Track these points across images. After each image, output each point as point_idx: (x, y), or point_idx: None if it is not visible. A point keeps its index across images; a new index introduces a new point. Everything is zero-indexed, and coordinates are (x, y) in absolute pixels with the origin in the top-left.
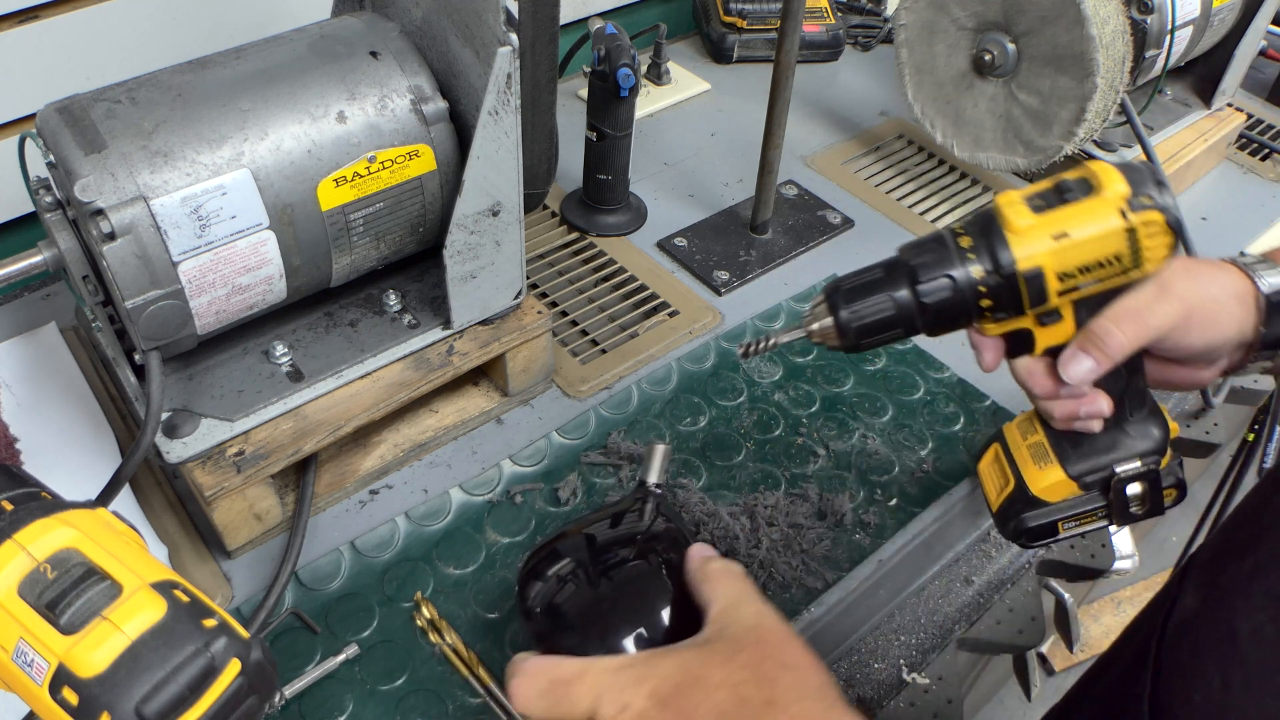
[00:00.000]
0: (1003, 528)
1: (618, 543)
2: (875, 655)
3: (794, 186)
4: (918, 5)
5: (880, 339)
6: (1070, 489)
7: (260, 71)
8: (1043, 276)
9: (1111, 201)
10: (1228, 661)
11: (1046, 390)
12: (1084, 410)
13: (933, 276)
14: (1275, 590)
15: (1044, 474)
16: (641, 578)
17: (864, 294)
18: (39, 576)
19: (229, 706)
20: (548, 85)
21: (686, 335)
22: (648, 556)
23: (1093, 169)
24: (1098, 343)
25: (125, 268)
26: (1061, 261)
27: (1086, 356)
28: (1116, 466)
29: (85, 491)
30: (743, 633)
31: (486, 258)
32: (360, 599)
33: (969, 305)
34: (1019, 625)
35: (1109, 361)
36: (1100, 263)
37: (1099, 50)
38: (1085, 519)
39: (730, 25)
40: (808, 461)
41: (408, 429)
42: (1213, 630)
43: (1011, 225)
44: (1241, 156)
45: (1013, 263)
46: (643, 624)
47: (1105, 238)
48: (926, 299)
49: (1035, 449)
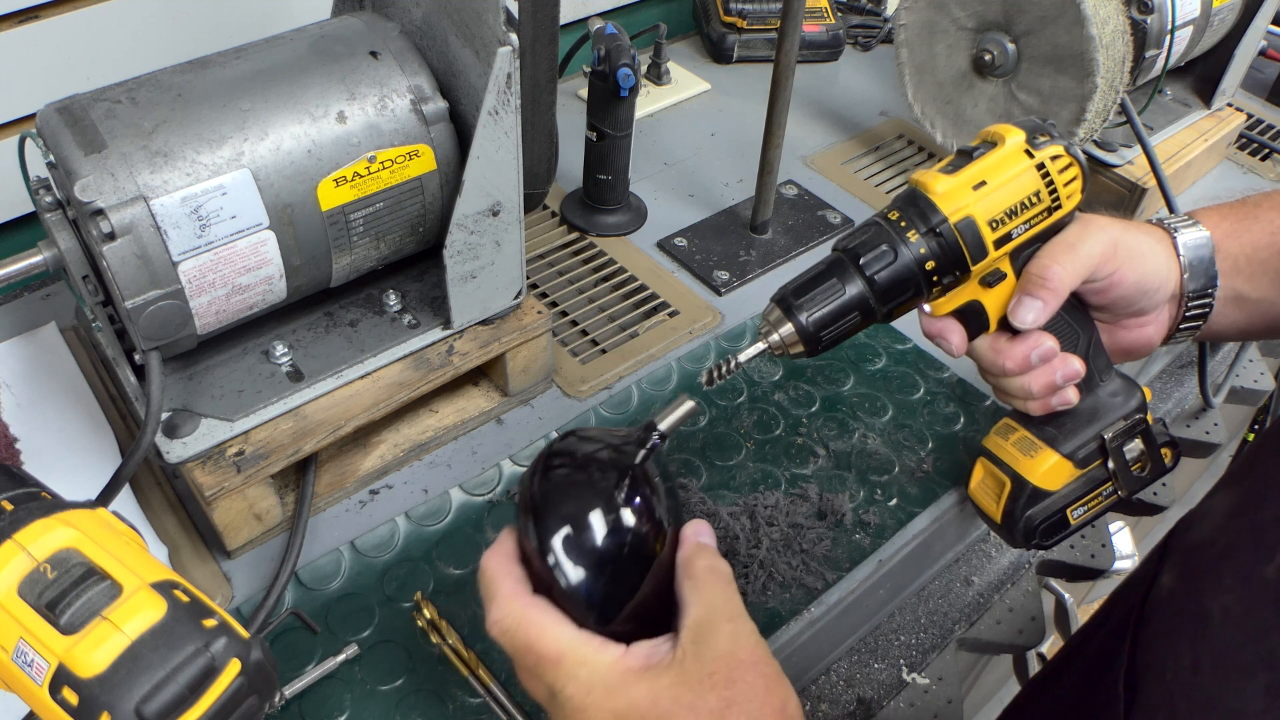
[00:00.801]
0: (1011, 534)
1: (615, 496)
2: (875, 655)
3: (794, 186)
4: (918, 5)
5: (839, 332)
6: (1068, 470)
7: (260, 71)
8: (975, 225)
9: (1015, 146)
10: (1198, 640)
11: (1017, 361)
12: (1059, 373)
13: (875, 253)
14: (1245, 571)
15: (1038, 461)
16: (634, 544)
17: (813, 289)
18: (39, 576)
19: (229, 706)
20: (548, 85)
21: (686, 335)
22: (641, 519)
23: (989, 130)
24: (1039, 281)
25: (125, 268)
26: (988, 208)
27: (1033, 298)
28: (1105, 432)
29: (85, 491)
30: (715, 660)
31: (486, 258)
32: (360, 599)
33: (915, 275)
34: (1019, 625)
35: (1054, 297)
36: (1023, 203)
37: (1099, 50)
38: (1093, 501)
39: (730, 25)
40: (808, 461)
41: (408, 429)
42: (1186, 609)
43: (932, 189)
44: (1241, 156)
45: (944, 219)
46: (623, 592)
47: (1019, 176)
48: (874, 275)
49: (1021, 443)
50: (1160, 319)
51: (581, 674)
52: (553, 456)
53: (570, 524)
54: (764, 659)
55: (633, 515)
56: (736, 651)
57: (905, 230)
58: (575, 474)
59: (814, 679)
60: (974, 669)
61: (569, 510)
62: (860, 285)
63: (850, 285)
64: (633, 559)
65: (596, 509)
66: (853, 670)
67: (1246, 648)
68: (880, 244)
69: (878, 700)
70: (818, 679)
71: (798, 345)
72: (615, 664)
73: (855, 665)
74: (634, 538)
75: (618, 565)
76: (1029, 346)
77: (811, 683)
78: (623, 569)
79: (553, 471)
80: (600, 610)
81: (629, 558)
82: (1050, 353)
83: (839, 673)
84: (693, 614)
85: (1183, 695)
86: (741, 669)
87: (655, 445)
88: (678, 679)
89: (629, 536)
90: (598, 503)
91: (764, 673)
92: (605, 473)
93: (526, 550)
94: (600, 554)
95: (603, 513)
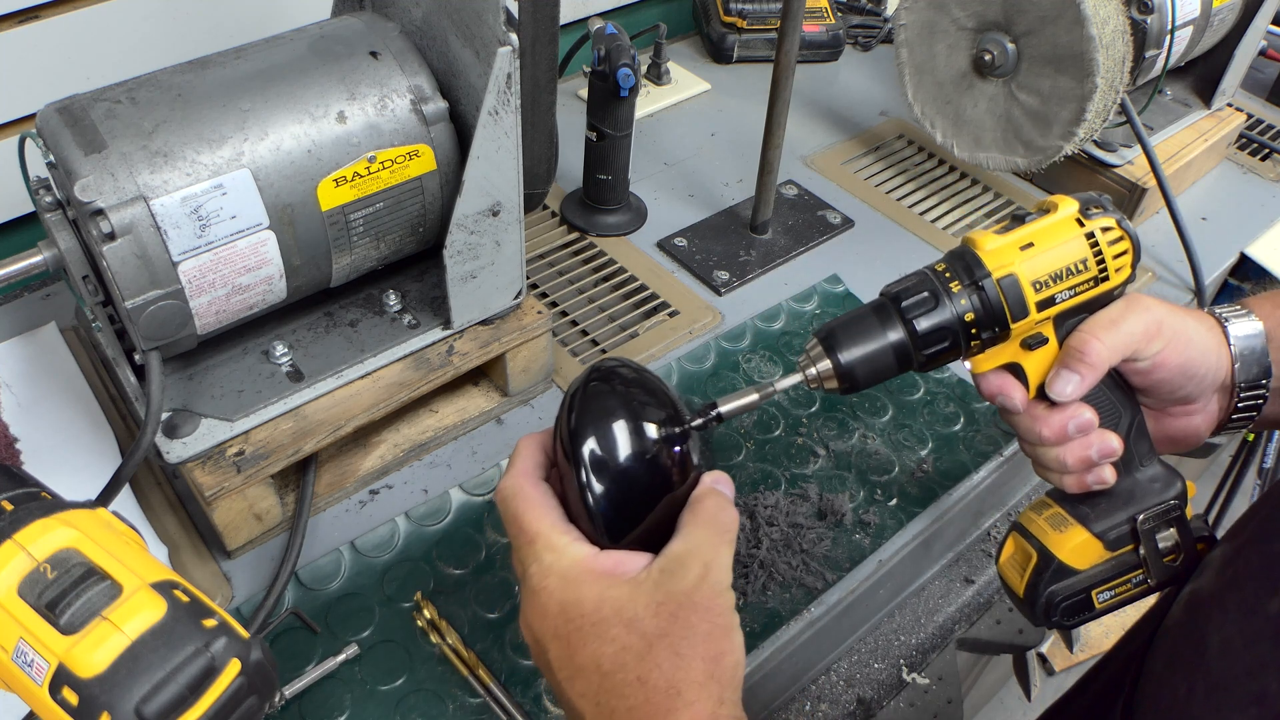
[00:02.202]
0: (1032, 609)
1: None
2: (875, 655)
3: (794, 186)
4: (918, 5)
5: (874, 373)
6: (1097, 550)
7: (260, 71)
8: (1018, 284)
9: (1068, 215)
10: (1195, 671)
11: (1054, 430)
12: (1096, 449)
13: (916, 299)
14: (1249, 603)
15: (1067, 537)
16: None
17: (856, 331)
18: (39, 576)
19: (229, 706)
20: (548, 85)
21: (686, 335)
22: (675, 454)
23: (1046, 200)
24: (1077, 355)
25: (125, 268)
26: (1033, 269)
27: (1070, 371)
28: (1139, 515)
29: (85, 491)
30: (670, 593)
31: (486, 258)
32: (360, 599)
33: (954, 326)
34: (1019, 625)
35: (1091, 371)
36: (1069, 269)
37: (1099, 50)
38: (1121, 587)
39: (730, 25)
40: (808, 461)
41: (408, 429)
42: (1188, 639)
43: (981, 246)
44: (1241, 156)
45: (988, 274)
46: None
47: (1068, 242)
48: (913, 319)
49: (1054, 519)
50: (1209, 409)
51: (547, 558)
52: (621, 368)
53: (608, 430)
54: (720, 609)
55: (667, 446)
56: (694, 593)
57: (949, 281)
58: (633, 390)
59: (814, 679)
60: (974, 669)
61: (613, 416)
62: (900, 331)
63: (891, 329)
64: (651, 484)
65: (642, 426)
66: (853, 670)
67: (1241, 682)
68: (923, 291)
69: (878, 700)
70: (818, 679)
71: (833, 381)
72: (581, 560)
73: (855, 665)
74: (661, 466)
75: (635, 486)
76: (1067, 416)
77: (811, 683)
78: (639, 492)
79: (614, 379)
80: (607, 524)
81: (649, 482)
82: (1088, 425)
83: (839, 673)
84: (675, 546)
85: None
86: (690, 609)
87: (711, 420)
88: (629, 595)
89: (658, 462)
90: (643, 423)
91: (713, 620)
92: (659, 406)
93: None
94: (623, 469)
95: (642, 434)
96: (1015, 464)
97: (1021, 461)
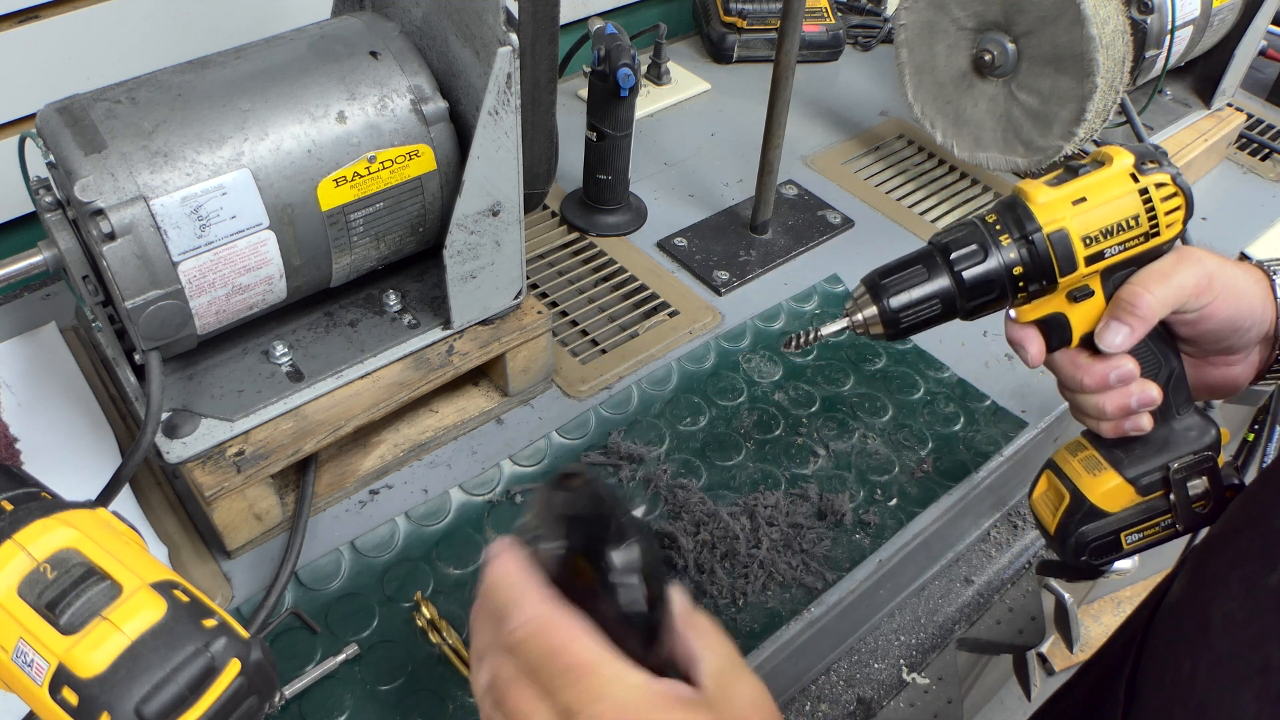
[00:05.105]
0: (1062, 547)
1: None
2: (875, 655)
3: (794, 186)
4: (918, 5)
5: (919, 320)
6: (1129, 494)
7: (260, 71)
8: (1068, 239)
9: (1122, 168)
10: (1198, 647)
11: (1096, 379)
12: (1135, 398)
13: (965, 250)
14: (1251, 579)
15: (1100, 480)
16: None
17: (903, 279)
18: (39, 576)
19: (229, 706)
20: (548, 85)
21: (686, 335)
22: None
23: (1100, 150)
24: (1128, 307)
25: (125, 268)
26: (1084, 224)
27: (1120, 323)
28: (1172, 463)
29: (85, 491)
30: (744, 705)
31: (486, 258)
32: (360, 599)
33: (1001, 278)
34: (1019, 625)
35: (1142, 324)
36: (1120, 224)
37: (1099, 50)
38: (1149, 530)
39: (730, 25)
40: (808, 461)
41: (408, 429)
42: (1191, 616)
43: (1033, 198)
44: (1241, 156)
45: (1039, 228)
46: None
47: (1121, 198)
48: (963, 273)
49: (1088, 461)
50: (1250, 360)
51: (616, 691)
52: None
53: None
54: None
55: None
56: (758, 700)
57: (999, 234)
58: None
59: (814, 679)
60: (974, 669)
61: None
62: (947, 279)
63: (937, 277)
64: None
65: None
66: (853, 670)
67: (1243, 654)
68: (972, 243)
69: (878, 700)
70: (818, 679)
71: (878, 326)
72: (648, 686)
73: (855, 665)
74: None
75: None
76: (1109, 366)
77: (811, 683)
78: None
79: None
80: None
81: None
82: (1129, 375)
83: (839, 673)
84: (711, 661)
85: (1179, 702)
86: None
87: None
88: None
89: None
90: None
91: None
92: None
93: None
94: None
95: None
96: (1015, 464)
97: (1022, 461)
